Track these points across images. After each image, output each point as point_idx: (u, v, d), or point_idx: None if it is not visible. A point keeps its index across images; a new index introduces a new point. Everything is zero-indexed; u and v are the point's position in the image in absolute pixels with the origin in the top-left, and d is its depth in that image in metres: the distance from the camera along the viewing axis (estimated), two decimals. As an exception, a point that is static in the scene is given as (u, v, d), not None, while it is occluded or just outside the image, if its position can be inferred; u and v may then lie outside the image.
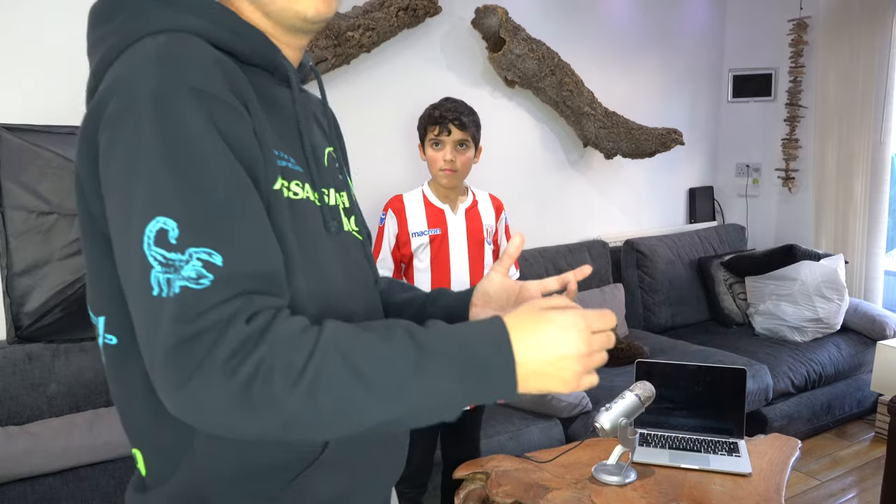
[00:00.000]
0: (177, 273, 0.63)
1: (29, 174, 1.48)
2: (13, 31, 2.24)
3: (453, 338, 0.68)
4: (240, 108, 0.70)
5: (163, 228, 0.64)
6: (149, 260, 0.63)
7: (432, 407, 0.67)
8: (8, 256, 1.46)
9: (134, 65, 0.69)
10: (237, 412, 0.62)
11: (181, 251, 0.63)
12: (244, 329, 0.62)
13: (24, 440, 2.12)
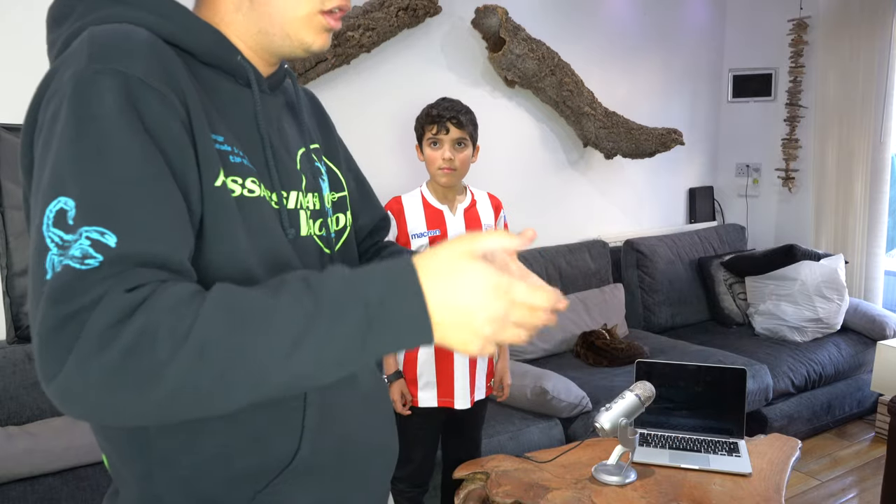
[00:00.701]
0: (62, 254, 0.59)
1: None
2: (13, 32, 2.24)
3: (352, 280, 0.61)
4: (169, 95, 0.68)
5: (63, 209, 0.60)
6: (46, 242, 0.60)
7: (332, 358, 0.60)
8: (8, 256, 1.46)
9: (70, 52, 0.68)
10: (116, 388, 0.56)
11: (74, 231, 0.59)
12: (123, 297, 0.57)
13: (25, 440, 2.12)
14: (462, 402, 2.00)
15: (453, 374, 1.97)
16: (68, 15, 0.74)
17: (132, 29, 0.70)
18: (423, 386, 1.96)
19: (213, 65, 0.78)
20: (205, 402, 0.59)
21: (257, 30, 0.79)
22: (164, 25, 0.73)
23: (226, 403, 0.60)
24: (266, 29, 0.79)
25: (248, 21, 0.79)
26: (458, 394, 1.98)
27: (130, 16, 0.72)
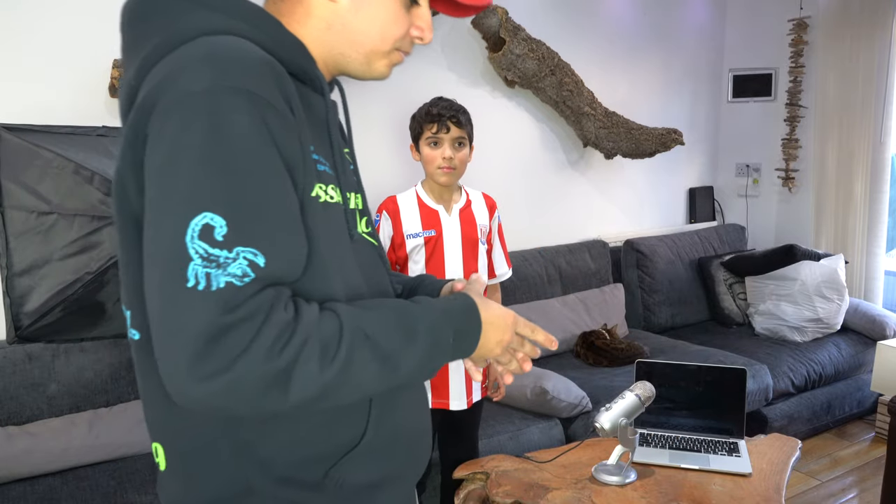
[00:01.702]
0: (220, 269, 0.65)
1: (29, 174, 1.48)
2: (13, 32, 2.24)
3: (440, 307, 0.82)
4: (288, 114, 0.73)
5: (209, 224, 0.65)
6: (189, 252, 0.65)
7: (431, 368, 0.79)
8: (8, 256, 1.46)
9: (187, 62, 0.70)
10: (276, 393, 0.66)
11: (228, 248, 0.66)
12: (283, 315, 0.67)
13: (24, 440, 2.12)
14: (458, 403, 2.00)
15: (448, 376, 1.98)
16: (154, 14, 0.76)
17: (246, 44, 0.73)
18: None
19: (295, 74, 0.82)
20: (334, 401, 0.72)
21: (339, 51, 0.86)
22: (258, 35, 0.77)
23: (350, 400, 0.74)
24: (347, 52, 0.86)
25: (334, 41, 0.85)
26: (454, 395, 1.98)
27: (228, 25, 0.75)
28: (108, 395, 2.34)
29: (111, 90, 2.36)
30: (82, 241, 1.49)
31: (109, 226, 1.47)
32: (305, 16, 0.84)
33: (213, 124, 0.67)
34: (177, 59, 0.71)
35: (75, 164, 1.46)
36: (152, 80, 0.72)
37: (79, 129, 1.60)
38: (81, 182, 1.46)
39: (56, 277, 1.50)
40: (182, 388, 0.65)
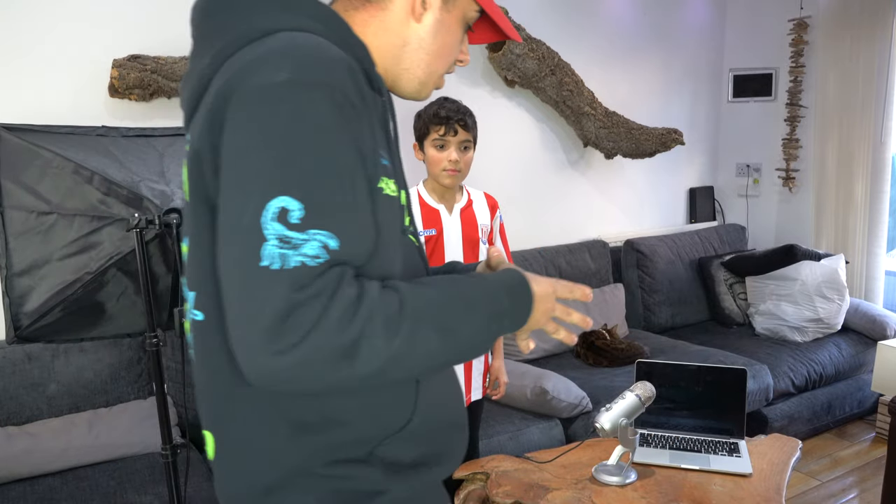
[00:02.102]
0: (295, 250, 0.68)
1: (29, 174, 1.48)
2: (13, 32, 2.24)
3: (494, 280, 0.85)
4: (361, 106, 0.76)
5: (285, 208, 0.69)
6: (264, 232, 0.68)
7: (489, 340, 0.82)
8: (7, 256, 1.46)
9: (267, 55, 0.74)
10: (345, 365, 0.69)
11: (303, 231, 0.69)
12: (350, 291, 0.70)
13: (24, 440, 2.12)
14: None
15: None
16: (227, 10, 0.81)
17: (322, 41, 0.78)
18: None
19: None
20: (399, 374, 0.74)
21: (405, 67, 0.91)
22: (330, 36, 0.81)
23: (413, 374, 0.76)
24: (413, 70, 0.91)
25: (406, 57, 0.90)
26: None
27: (302, 24, 0.80)
28: (108, 395, 2.34)
29: (111, 90, 2.36)
30: (82, 241, 1.48)
31: (109, 226, 1.47)
32: (381, 30, 0.88)
33: (292, 112, 0.70)
34: (256, 51, 0.75)
35: (75, 164, 1.46)
36: (230, 69, 0.75)
37: (78, 129, 1.59)
38: (81, 182, 1.46)
39: (56, 277, 1.50)
40: (256, 363, 0.67)
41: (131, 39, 2.43)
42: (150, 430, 2.26)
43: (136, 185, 1.46)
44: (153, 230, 1.43)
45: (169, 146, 1.63)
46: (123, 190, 1.45)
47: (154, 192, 1.47)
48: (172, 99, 2.51)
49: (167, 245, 1.49)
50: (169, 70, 2.41)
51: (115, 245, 1.47)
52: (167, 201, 1.45)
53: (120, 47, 2.41)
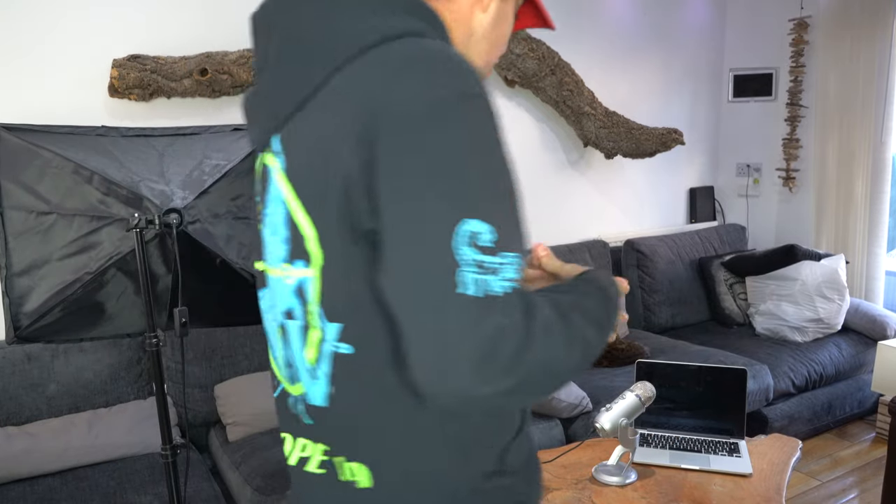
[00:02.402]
0: (494, 275, 0.65)
1: (28, 174, 1.48)
2: (13, 32, 2.24)
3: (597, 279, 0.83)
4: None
5: (475, 231, 0.65)
6: (457, 259, 0.64)
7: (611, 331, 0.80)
8: (7, 257, 1.46)
9: (413, 62, 0.68)
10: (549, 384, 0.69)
11: (496, 254, 0.65)
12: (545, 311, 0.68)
13: (24, 440, 2.12)
14: None
15: None
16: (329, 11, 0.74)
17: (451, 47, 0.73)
18: None
19: None
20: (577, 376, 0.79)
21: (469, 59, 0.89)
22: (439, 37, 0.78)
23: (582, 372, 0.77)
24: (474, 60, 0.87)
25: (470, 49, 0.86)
26: None
27: (418, 27, 0.74)
28: (108, 396, 2.34)
29: (111, 90, 2.36)
30: (82, 241, 1.48)
31: (109, 226, 1.47)
32: (453, 21, 0.84)
33: (461, 129, 0.66)
34: (390, 61, 0.69)
35: (75, 164, 1.46)
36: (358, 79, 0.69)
37: (78, 129, 1.59)
38: (81, 182, 1.46)
39: (55, 277, 1.50)
40: (460, 391, 0.64)
41: (131, 39, 2.43)
42: (150, 430, 2.26)
43: (135, 185, 1.46)
44: (153, 230, 1.43)
45: (169, 146, 1.63)
46: (123, 190, 1.45)
47: (154, 191, 1.47)
48: (172, 99, 2.51)
49: (167, 245, 1.49)
50: (169, 70, 2.41)
51: (115, 245, 1.47)
52: (167, 201, 1.45)
53: (120, 47, 2.41)
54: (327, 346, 0.76)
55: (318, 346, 0.76)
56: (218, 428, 2.49)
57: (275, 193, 0.77)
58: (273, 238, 0.78)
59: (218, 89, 2.53)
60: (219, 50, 2.55)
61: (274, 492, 2.06)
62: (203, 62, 2.47)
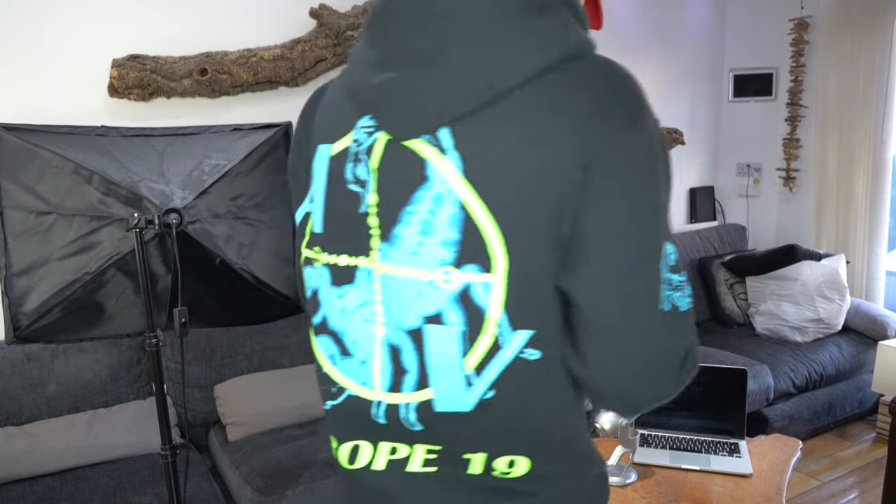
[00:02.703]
0: (681, 293, 0.72)
1: (28, 174, 1.48)
2: (13, 32, 2.24)
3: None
4: None
5: (667, 252, 0.71)
6: (661, 277, 0.70)
7: None
8: (6, 257, 1.46)
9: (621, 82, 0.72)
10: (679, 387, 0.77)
11: (678, 273, 0.72)
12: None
13: (24, 440, 2.12)
14: None
15: None
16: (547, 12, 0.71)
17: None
18: None
19: None
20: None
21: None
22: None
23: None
24: None
25: None
26: None
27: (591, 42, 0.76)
28: (108, 396, 2.33)
29: (111, 90, 2.36)
30: (81, 241, 1.48)
31: (109, 226, 1.47)
32: None
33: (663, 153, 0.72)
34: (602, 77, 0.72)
35: (74, 164, 1.46)
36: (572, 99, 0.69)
37: (78, 129, 1.59)
38: (80, 182, 1.46)
39: (55, 277, 1.50)
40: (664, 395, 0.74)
41: (131, 39, 2.43)
42: (150, 430, 2.26)
43: (135, 185, 1.46)
44: (153, 230, 1.42)
45: (168, 146, 1.63)
46: (123, 190, 1.45)
47: (153, 191, 1.47)
48: (172, 99, 2.51)
49: (167, 245, 1.48)
50: (168, 70, 2.41)
51: (115, 245, 1.47)
52: (166, 201, 1.45)
53: (120, 47, 2.41)
54: (508, 353, 0.72)
55: (490, 353, 0.72)
56: (218, 428, 2.49)
57: (441, 191, 0.70)
58: (420, 237, 0.72)
59: (218, 89, 2.53)
60: (219, 50, 2.55)
61: (274, 492, 2.06)
62: (203, 62, 2.47)
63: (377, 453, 0.81)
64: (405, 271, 0.73)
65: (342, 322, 0.79)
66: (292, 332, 2.64)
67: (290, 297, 1.66)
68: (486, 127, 0.69)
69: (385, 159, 0.73)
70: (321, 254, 0.80)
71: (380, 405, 0.78)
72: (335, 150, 0.78)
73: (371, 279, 0.76)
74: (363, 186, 0.75)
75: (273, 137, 1.64)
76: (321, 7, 2.68)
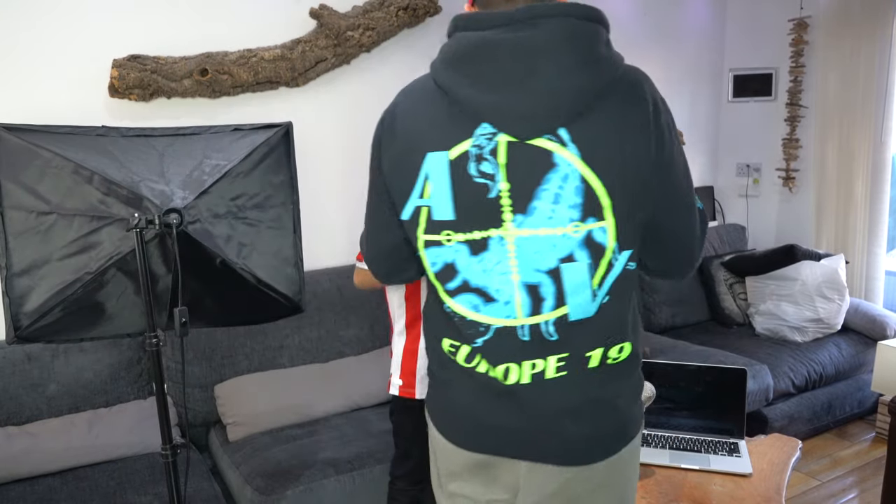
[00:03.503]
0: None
1: (28, 174, 1.48)
2: (13, 32, 2.24)
3: None
4: None
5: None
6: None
7: None
8: (7, 257, 1.46)
9: (645, 77, 1.03)
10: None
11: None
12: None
13: (24, 440, 2.12)
14: None
15: None
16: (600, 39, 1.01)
17: None
18: (421, 378, 1.95)
19: None
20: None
21: None
22: None
23: None
24: None
25: None
26: None
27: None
28: (108, 396, 2.34)
29: (111, 90, 2.36)
30: (82, 241, 1.48)
31: (109, 226, 1.47)
32: None
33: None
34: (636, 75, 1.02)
35: (75, 164, 1.46)
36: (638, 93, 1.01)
37: (78, 129, 1.59)
38: (81, 182, 1.46)
39: (55, 277, 1.50)
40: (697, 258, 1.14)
41: (131, 39, 2.43)
42: (150, 430, 2.26)
43: (135, 185, 1.46)
44: (153, 230, 1.42)
45: (169, 146, 1.63)
46: (123, 190, 1.45)
47: (154, 192, 1.47)
48: (172, 99, 2.51)
49: (167, 245, 1.49)
50: (169, 70, 2.41)
51: (115, 245, 1.47)
52: (167, 201, 1.45)
53: (120, 47, 2.41)
54: (618, 268, 1.05)
55: (607, 271, 1.05)
56: (218, 428, 2.49)
57: (566, 172, 1.00)
58: (554, 205, 1.01)
59: (218, 89, 2.53)
60: (219, 50, 2.55)
61: (274, 492, 2.07)
62: (203, 62, 2.47)
63: (522, 372, 1.07)
64: (543, 231, 1.02)
65: (484, 279, 1.05)
66: (292, 332, 2.65)
67: (290, 297, 1.66)
68: (590, 125, 0.99)
69: (511, 155, 1.00)
70: (455, 234, 1.05)
71: (524, 327, 1.06)
72: (453, 155, 1.02)
73: (504, 243, 1.03)
74: (491, 179, 1.01)
75: (273, 138, 1.64)
76: (321, 7, 2.68)
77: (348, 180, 2.94)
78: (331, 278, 2.78)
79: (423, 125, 1.04)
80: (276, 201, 1.65)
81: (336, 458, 2.22)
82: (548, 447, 1.09)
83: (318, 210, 2.88)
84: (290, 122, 1.67)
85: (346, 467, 2.19)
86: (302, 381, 2.54)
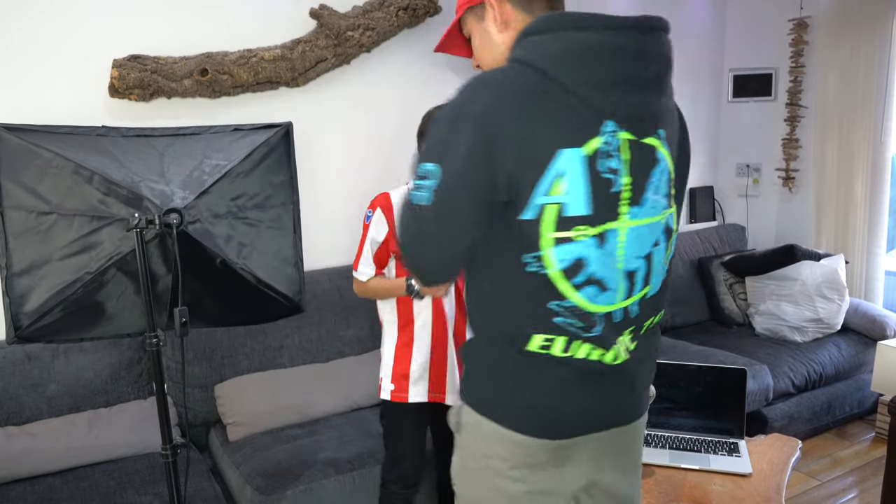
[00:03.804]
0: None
1: (28, 174, 1.48)
2: (13, 32, 2.24)
3: None
4: None
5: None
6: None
7: None
8: (7, 257, 1.46)
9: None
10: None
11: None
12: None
13: (24, 440, 2.12)
14: (454, 398, 1.99)
15: (446, 369, 1.97)
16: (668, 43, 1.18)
17: None
18: (414, 381, 1.95)
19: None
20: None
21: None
22: None
23: None
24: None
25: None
26: (450, 388, 1.98)
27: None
28: (108, 396, 2.34)
29: (111, 90, 2.36)
30: (82, 241, 1.48)
31: (109, 226, 1.47)
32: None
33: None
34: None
35: (75, 164, 1.46)
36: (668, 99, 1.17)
37: (78, 129, 1.59)
38: (81, 182, 1.46)
39: (55, 277, 1.50)
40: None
41: (131, 39, 2.43)
42: (150, 430, 2.26)
43: (135, 185, 1.46)
44: (153, 230, 1.42)
45: (169, 146, 1.63)
46: (123, 190, 1.45)
47: (154, 192, 1.47)
48: (172, 99, 2.51)
49: (167, 245, 1.49)
50: (169, 70, 2.41)
51: (115, 245, 1.47)
52: (167, 201, 1.45)
53: (120, 47, 2.41)
54: (673, 249, 1.23)
55: (670, 252, 1.22)
56: (218, 428, 2.49)
57: (664, 166, 1.15)
58: (656, 196, 1.14)
59: (218, 89, 2.53)
60: (219, 50, 2.56)
61: (274, 492, 2.07)
62: (203, 62, 2.47)
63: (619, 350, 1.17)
64: (648, 220, 1.14)
65: (604, 271, 1.12)
66: (292, 332, 2.65)
67: (290, 297, 1.66)
68: (668, 124, 1.16)
69: (633, 152, 1.10)
70: (588, 229, 1.09)
71: (620, 310, 1.15)
72: (587, 152, 1.06)
73: (617, 234, 1.11)
74: (615, 174, 1.09)
75: (273, 138, 1.64)
76: (321, 7, 2.68)
77: (348, 180, 2.94)
78: (331, 278, 2.78)
79: (546, 123, 1.04)
80: (277, 201, 1.65)
81: (336, 458, 2.22)
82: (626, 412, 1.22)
83: (318, 210, 2.89)
84: (290, 122, 1.67)
85: (345, 467, 2.20)
86: (302, 381, 2.54)
